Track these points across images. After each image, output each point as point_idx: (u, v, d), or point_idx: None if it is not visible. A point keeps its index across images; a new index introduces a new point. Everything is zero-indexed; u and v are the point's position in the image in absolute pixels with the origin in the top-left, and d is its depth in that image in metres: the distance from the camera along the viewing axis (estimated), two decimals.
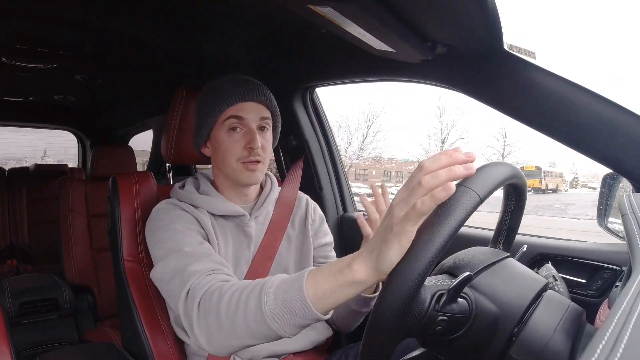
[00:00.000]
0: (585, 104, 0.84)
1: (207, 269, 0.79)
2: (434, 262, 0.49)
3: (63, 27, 1.24)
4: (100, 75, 1.90)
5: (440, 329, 0.57)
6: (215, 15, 1.15)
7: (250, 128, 0.95)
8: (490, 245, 0.77)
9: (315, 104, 1.60)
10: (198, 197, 0.98)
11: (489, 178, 0.54)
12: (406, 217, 0.49)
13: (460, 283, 0.56)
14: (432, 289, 0.57)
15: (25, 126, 3.29)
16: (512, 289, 0.60)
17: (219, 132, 0.96)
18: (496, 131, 17.76)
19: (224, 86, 0.96)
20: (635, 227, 0.54)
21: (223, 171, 0.99)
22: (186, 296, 0.75)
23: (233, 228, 1.00)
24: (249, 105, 0.96)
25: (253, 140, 0.94)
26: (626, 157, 0.82)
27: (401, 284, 0.49)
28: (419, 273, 0.49)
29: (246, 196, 1.04)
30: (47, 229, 2.83)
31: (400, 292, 0.49)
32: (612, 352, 0.27)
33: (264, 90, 0.99)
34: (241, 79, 0.98)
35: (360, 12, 0.74)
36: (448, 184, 0.48)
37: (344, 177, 1.63)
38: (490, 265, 0.63)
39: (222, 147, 0.96)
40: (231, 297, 0.67)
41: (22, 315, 1.84)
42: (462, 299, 0.58)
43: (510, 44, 0.90)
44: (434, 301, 0.56)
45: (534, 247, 1.08)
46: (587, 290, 1.01)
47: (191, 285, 0.76)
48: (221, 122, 0.95)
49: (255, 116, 0.96)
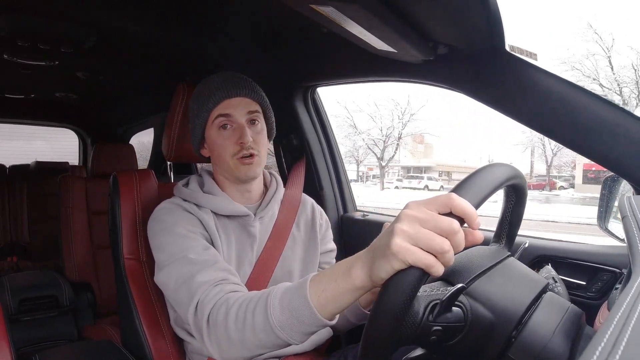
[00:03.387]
0: (586, 105, 0.84)
1: (213, 279, 0.79)
2: (425, 274, 0.49)
3: (65, 24, 1.24)
4: (101, 73, 1.90)
5: (435, 338, 0.57)
6: (218, 14, 1.16)
7: (239, 124, 0.95)
8: (493, 240, 0.77)
9: (316, 103, 1.60)
10: (202, 197, 0.97)
11: (481, 185, 0.53)
12: (407, 252, 0.47)
13: (453, 294, 0.56)
14: (425, 299, 0.57)
15: (26, 123, 3.29)
16: (508, 294, 0.60)
17: (210, 131, 0.97)
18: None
19: (209, 86, 0.97)
20: (636, 229, 0.54)
21: (222, 169, 0.99)
22: (195, 310, 0.76)
23: (237, 228, 0.99)
24: (235, 101, 0.96)
25: (243, 134, 0.94)
26: (627, 159, 0.82)
27: (394, 295, 0.49)
28: (410, 284, 0.48)
29: (249, 193, 1.03)
30: (48, 226, 2.83)
31: (391, 306, 0.49)
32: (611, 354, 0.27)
33: (249, 84, 0.98)
34: (225, 76, 0.98)
35: (362, 11, 0.74)
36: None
37: (344, 177, 1.63)
38: (488, 269, 0.63)
39: (215, 146, 0.97)
40: (238, 311, 0.68)
41: (22, 312, 1.84)
42: (457, 307, 0.58)
43: (511, 45, 0.90)
44: (427, 312, 0.56)
45: (534, 248, 1.08)
46: (587, 292, 1.01)
47: (199, 299, 0.76)
48: (211, 122, 0.96)
49: (243, 111, 0.96)
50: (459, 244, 0.48)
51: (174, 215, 0.93)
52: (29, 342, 1.82)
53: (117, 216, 1.08)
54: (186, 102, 1.11)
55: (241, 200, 1.02)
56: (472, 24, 0.84)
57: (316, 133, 1.57)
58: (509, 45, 0.90)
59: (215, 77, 0.98)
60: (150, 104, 2.45)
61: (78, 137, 3.40)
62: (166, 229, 0.90)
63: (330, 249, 1.13)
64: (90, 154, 2.58)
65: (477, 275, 0.61)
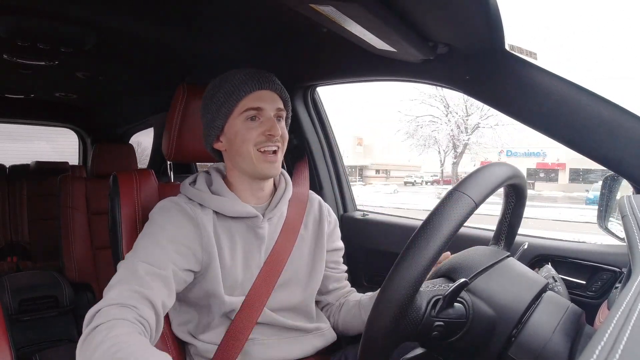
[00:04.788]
0: (586, 104, 0.84)
1: (130, 297, 0.75)
2: (428, 269, 0.49)
3: (65, 24, 1.24)
4: (101, 73, 1.90)
5: (437, 333, 0.57)
6: (217, 14, 1.15)
7: (268, 117, 0.93)
8: (492, 242, 0.77)
9: (316, 103, 1.60)
10: (208, 197, 0.94)
11: (484, 182, 0.53)
12: None
13: (456, 289, 0.56)
14: (427, 294, 0.57)
15: (26, 123, 3.29)
16: (509, 291, 0.60)
17: (235, 121, 0.93)
18: None
19: (237, 76, 0.94)
20: (636, 228, 0.54)
21: (239, 165, 0.95)
22: (96, 311, 0.72)
23: (243, 230, 0.96)
24: (266, 95, 0.93)
25: (273, 127, 0.91)
26: (626, 158, 0.82)
27: (395, 292, 0.49)
28: (412, 282, 0.49)
29: (262, 192, 1.00)
30: (48, 226, 2.83)
31: (394, 300, 0.49)
32: (611, 353, 0.27)
33: (277, 80, 0.97)
34: (254, 70, 0.96)
35: (362, 11, 0.74)
36: None
37: (344, 177, 1.63)
38: (489, 267, 0.63)
39: (238, 137, 0.92)
40: (105, 351, 0.64)
41: (22, 312, 1.84)
42: (459, 303, 0.58)
43: (511, 44, 0.90)
44: (429, 307, 0.56)
45: (533, 248, 1.08)
46: (587, 292, 1.01)
47: (104, 305, 0.73)
48: (238, 114, 0.92)
49: (273, 105, 0.94)
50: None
51: (167, 217, 0.89)
52: (29, 342, 1.82)
53: (117, 216, 1.08)
54: (186, 103, 1.11)
55: (252, 200, 0.98)
56: (471, 23, 0.84)
57: (316, 133, 1.57)
58: (509, 45, 0.90)
59: (240, 70, 0.95)
60: (150, 104, 2.45)
61: (78, 137, 3.40)
62: (150, 233, 0.87)
63: (337, 248, 1.11)
64: (90, 154, 2.59)
65: (478, 272, 0.61)
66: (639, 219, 0.57)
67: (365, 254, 1.47)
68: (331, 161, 1.60)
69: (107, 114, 2.90)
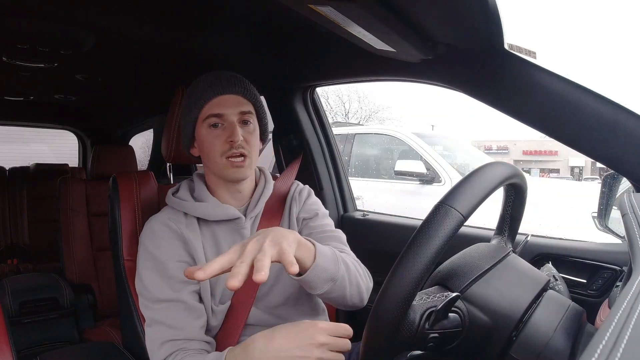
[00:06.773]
0: (586, 103, 0.84)
1: (173, 346, 0.85)
2: (416, 288, 0.49)
3: (63, 26, 1.24)
4: (100, 75, 1.90)
5: (432, 344, 0.57)
6: (216, 15, 1.15)
7: (230, 122, 0.93)
8: (495, 234, 0.77)
9: (316, 103, 1.60)
10: (190, 206, 0.95)
11: (473, 192, 0.52)
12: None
13: (448, 303, 0.55)
14: (421, 307, 0.57)
15: (25, 126, 3.29)
16: (507, 297, 0.59)
17: (200, 130, 0.95)
18: None
19: (200, 83, 0.96)
20: (636, 227, 0.54)
21: (211, 169, 0.97)
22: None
23: (227, 233, 0.97)
24: (227, 99, 0.94)
25: (233, 133, 0.91)
26: (627, 156, 0.82)
27: (385, 311, 0.49)
28: (401, 301, 0.49)
29: (240, 193, 1.00)
30: (48, 228, 2.83)
31: (385, 318, 0.49)
32: (613, 352, 0.27)
33: (242, 82, 0.97)
34: (218, 74, 0.96)
35: (361, 11, 0.74)
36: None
37: (344, 177, 1.63)
38: (487, 270, 0.62)
39: (205, 145, 0.94)
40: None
41: (23, 314, 1.84)
42: (454, 313, 0.58)
43: (510, 44, 0.90)
44: (423, 320, 0.56)
45: (534, 246, 1.08)
46: (588, 290, 1.01)
47: (170, 353, 0.84)
48: (202, 121, 0.94)
49: (235, 110, 0.94)
50: None
51: (155, 241, 0.93)
52: (30, 344, 1.82)
53: (117, 218, 1.08)
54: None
55: (232, 202, 0.99)
56: (471, 22, 0.84)
57: (316, 133, 1.57)
58: (508, 44, 0.90)
59: (208, 75, 0.97)
60: (150, 106, 2.44)
61: (77, 139, 3.40)
62: (151, 268, 0.91)
63: (311, 215, 1.05)
64: (90, 155, 2.59)
65: (474, 279, 0.60)
66: (639, 217, 0.57)
67: (365, 254, 1.46)
68: (331, 161, 1.60)
69: (107, 116, 2.90)
